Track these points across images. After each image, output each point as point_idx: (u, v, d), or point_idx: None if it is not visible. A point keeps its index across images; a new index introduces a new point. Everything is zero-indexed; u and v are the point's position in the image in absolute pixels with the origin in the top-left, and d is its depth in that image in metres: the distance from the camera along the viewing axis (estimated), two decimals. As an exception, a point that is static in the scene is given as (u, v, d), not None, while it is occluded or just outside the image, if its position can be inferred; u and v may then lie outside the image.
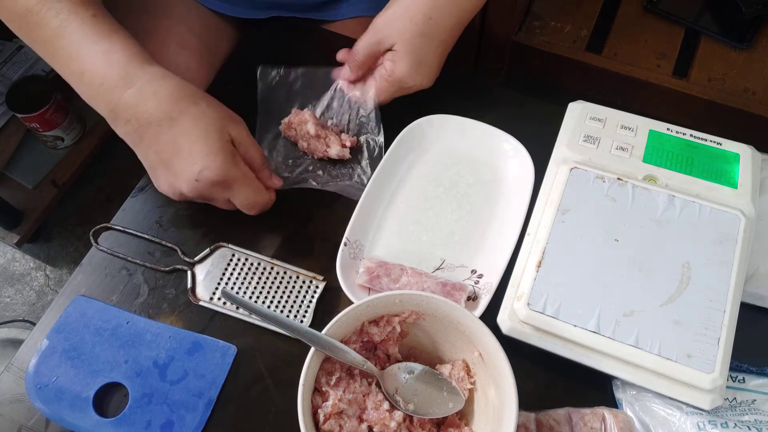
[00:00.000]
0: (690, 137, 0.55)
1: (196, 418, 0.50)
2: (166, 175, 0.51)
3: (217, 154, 0.49)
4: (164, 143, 0.49)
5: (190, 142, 0.49)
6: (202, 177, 0.49)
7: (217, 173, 0.49)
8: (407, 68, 0.57)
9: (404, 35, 0.55)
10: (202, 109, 0.49)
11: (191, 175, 0.49)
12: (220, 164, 0.49)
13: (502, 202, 0.58)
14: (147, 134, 0.49)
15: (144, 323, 0.53)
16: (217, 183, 0.50)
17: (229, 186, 0.51)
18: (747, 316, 0.48)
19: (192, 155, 0.49)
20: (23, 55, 1.34)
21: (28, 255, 1.35)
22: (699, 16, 0.98)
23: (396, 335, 0.48)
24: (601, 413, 0.46)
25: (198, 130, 0.49)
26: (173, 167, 0.50)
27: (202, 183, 0.49)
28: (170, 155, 0.49)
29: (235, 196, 0.52)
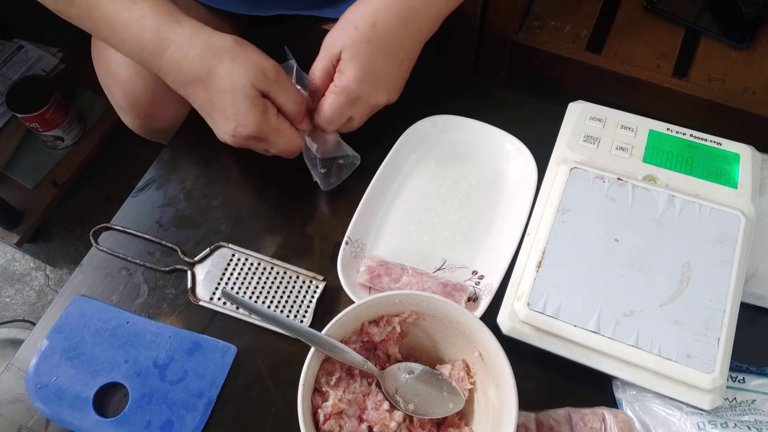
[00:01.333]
0: (690, 137, 0.55)
1: (196, 418, 0.50)
2: (213, 124, 0.55)
3: (247, 112, 0.51)
4: (203, 100, 0.53)
5: (221, 101, 0.51)
6: (237, 133, 0.52)
7: (249, 130, 0.52)
8: (353, 75, 0.52)
9: (348, 42, 0.53)
10: (227, 67, 0.51)
11: (228, 130, 0.53)
12: (251, 122, 0.51)
13: (504, 204, 0.58)
14: (190, 91, 0.53)
15: (144, 323, 0.53)
16: (252, 137, 0.52)
17: (264, 139, 0.53)
18: (747, 316, 0.49)
19: (225, 113, 0.52)
20: (23, 55, 1.34)
21: (28, 255, 1.35)
22: (699, 16, 0.97)
23: (396, 335, 0.48)
24: (601, 413, 0.46)
25: (226, 89, 0.51)
26: (215, 122, 0.54)
27: (238, 138, 0.53)
28: (210, 110, 0.53)
29: (271, 145, 0.54)
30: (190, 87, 0.52)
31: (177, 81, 0.53)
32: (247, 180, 0.61)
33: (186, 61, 0.51)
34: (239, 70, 0.51)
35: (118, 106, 0.77)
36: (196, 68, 0.51)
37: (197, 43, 0.51)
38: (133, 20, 0.50)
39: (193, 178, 0.62)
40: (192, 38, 0.51)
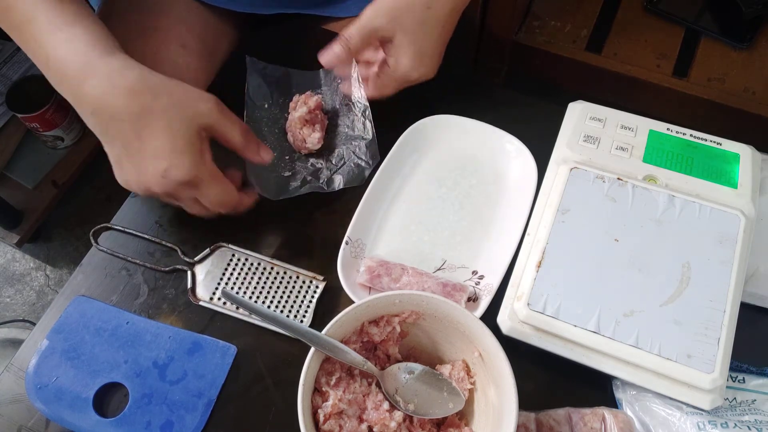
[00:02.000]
0: (690, 137, 0.55)
1: (196, 419, 0.50)
2: (133, 170, 0.49)
3: (183, 152, 0.47)
4: (129, 138, 0.47)
5: (154, 139, 0.47)
6: (169, 175, 0.47)
7: (183, 172, 0.47)
8: (410, 61, 0.54)
9: (403, 26, 0.53)
10: (164, 104, 0.47)
11: (157, 172, 0.47)
12: (187, 163, 0.47)
13: (504, 204, 0.58)
14: (111, 128, 0.48)
15: (144, 323, 0.53)
16: (184, 182, 0.48)
17: (196, 185, 0.49)
18: (747, 316, 0.48)
19: (157, 153, 0.47)
20: (23, 55, 1.33)
21: (28, 255, 1.35)
22: (699, 16, 0.97)
23: (396, 335, 0.48)
24: (601, 413, 0.46)
25: (162, 127, 0.47)
26: (140, 163, 0.48)
27: (168, 181, 0.48)
28: (136, 150, 0.48)
29: (203, 195, 0.50)
30: (111, 123, 0.47)
31: (97, 113, 0.47)
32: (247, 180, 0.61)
33: (113, 93, 0.46)
34: (178, 108, 0.47)
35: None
36: (124, 102, 0.46)
37: (129, 75, 0.47)
38: (63, 40, 0.46)
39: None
40: (124, 70, 0.47)
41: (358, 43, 0.54)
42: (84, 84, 0.47)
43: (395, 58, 0.55)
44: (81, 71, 0.47)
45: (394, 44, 0.54)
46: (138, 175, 0.49)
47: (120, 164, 0.50)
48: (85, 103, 0.47)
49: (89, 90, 0.47)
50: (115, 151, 0.49)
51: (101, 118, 0.48)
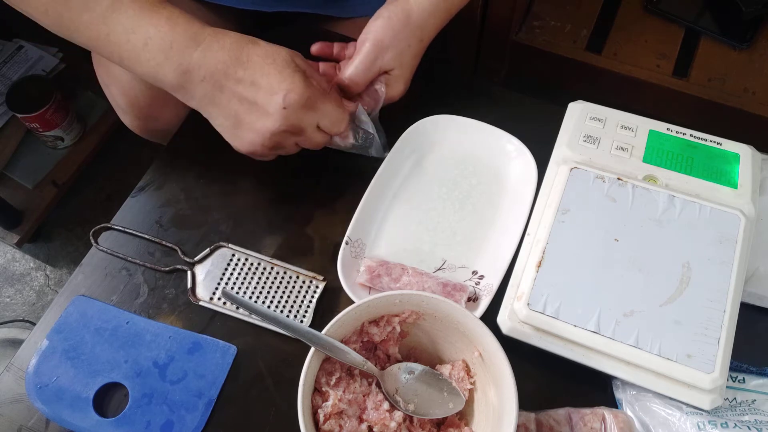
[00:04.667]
0: (690, 137, 0.55)
1: (196, 419, 0.50)
2: (254, 120, 0.51)
3: (293, 77, 0.50)
4: (244, 86, 0.50)
5: (266, 76, 0.50)
6: (288, 101, 0.50)
7: (300, 94, 0.50)
8: (401, 90, 0.59)
9: (402, 60, 0.57)
10: (264, 47, 0.51)
11: (277, 104, 0.50)
12: (300, 85, 0.50)
13: (504, 204, 0.58)
14: (226, 84, 0.50)
15: (144, 323, 0.53)
16: (304, 105, 0.51)
17: (314, 105, 0.51)
18: (747, 316, 0.49)
19: (272, 87, 0.50)
20: (23, 55, 1.34)
21: (28, 255, 1.35)
22: (699, 16, 0.98)
23: (396, 335, 0.48)
24: (601, 413, 0.46)
25: (268, 64, 0.50)
26: (258, 106, 0.51)
27: (290, 109, 0.50)
28: (252, 98, 0.50)
29: (322, 115, 0.53)
30: (226, 78, 0.50)
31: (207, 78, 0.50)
32: (247, 180, 0.61)
33: (222, 50, 0.49)
34: (277, 47, 0.51)
35: (117, 106, 0.77)
36: (233, 55, 0.50)
37: (229, 35, 0.50)
38: (164, 18, 0.49)
39: (193, 178, 0.62)
40: (223, 32, 0.51)
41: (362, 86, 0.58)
42: (194, 51, 0.49)
43: (389, 86, 0.58)
44: (190, 40, 0.49)
45: (390, 75, 0.58)
46: (261, 123, 0.51)
47: (238, 126, 0.52)
48: (196, 69, 0.50)
49: (199, 56, 0.49)
50: (231, 113, 0.52)
51: (214, 79, 0.50)
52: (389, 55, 0.56)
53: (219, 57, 0.49)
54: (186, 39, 0.49)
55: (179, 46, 0.49)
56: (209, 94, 0.51)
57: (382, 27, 0.56)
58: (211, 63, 0.49)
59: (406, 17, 0.55)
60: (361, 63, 0.56)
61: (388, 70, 0.57)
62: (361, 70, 0.56)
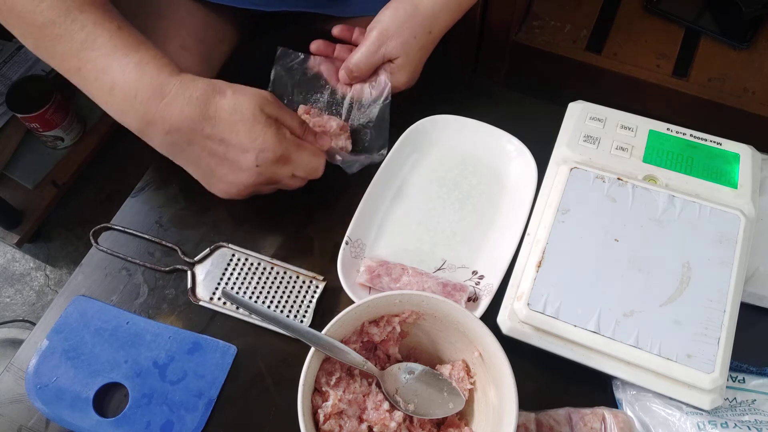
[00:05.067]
0: (690, 137, 0.55)
1: (196, 419, 0.50)
2: (226, 173, 0.51)
3: (265, 134, 0.49)
4: (213, 142, 0.50)
5: (235, 134, 0.49)
6: (261, 160, 0.50)
7: (273, 151, 0.50)
8: (404, 79, 0.59)
9: (408, 50, 0.57)
10: (231, 101, 0.50)
11: (250, 162, 0.50)
12: (272, 142, 0.50)
13: (504, 204, 0.58)
14: (194, 138, 0.49)
15: (144, 323, 0.53)
16: (277, 161, 0.50)
17: (288, 159, 0.51)
18: (747, 316, 0.49)
19: (242, 145, 0.49)
20: (23, 55, 1.34)
21: (28, 255, 1.35)
22: (699, 16, 0.98)
23: (396, 335, 0.48)
24: (601, 413, 0.46)
25: (236, 121, 0.49)
26: (231, 162, 0.50)
27: (263, 166, 0.50)
28: (223, 151, 0.50)
29: (297, 166, 0.52)
30: (193, 133, 0.49)
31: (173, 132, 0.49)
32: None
33: (189, 104, 0.48)
34: (244, 99, 0.50)
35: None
36: (200, 110, 0.48)
37: (198, 87, 0.49)
38: (133, 64, 0.48)
39: (193, 178, 0.62)
40: (192, 83, 0.49)
41: (366, 72, 0.59)
42: (159, 103, 0.48)
43: (392, 74, 0.59)
44: (155, 91, 0.48)
45: (394, 63, 0.58)
46: (234, 174, 0.51)
47: (212, 176, 0.52)
48: (161, 122, 0.48)
49: (164, 108, 0.48)
50: (203, 161, 0.51)
51: (180, 133, 0.49)
52: (393, 43, 0.56)
53: (185, 112, 0.48)
54: (151, 90, 0.48)
55: (143, 97, 0.48)
56: (177, 146, 0.50)
57: (388, 16, 0.57)
58: (177, 118, 0.48)
59: (414, 8, 0.56)
60: (365, 49, 0.57)
61: (393, 59, 0.58)
62: (364, 56, 0.57)
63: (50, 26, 0.47)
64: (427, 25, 0.57)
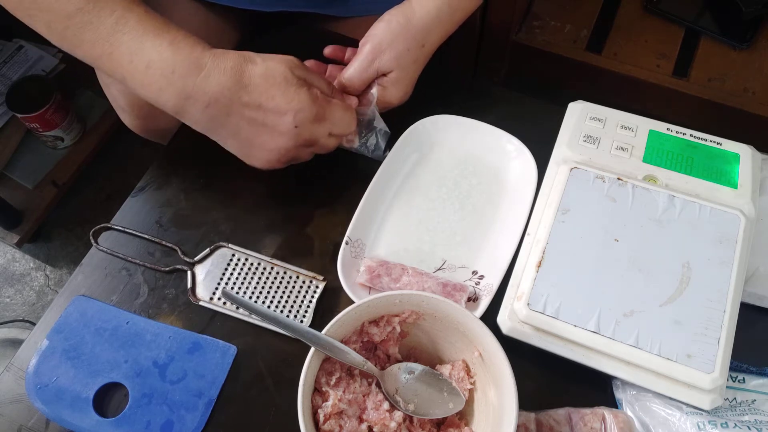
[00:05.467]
0: (690, 137, 0.55)
1: (196, 418, 0.50)
2: (267, 139, 0.52)
3: (299, 95, 0.50)
4: (251, 110, 0.50)
5: (271, 98, 0.50)
6: (299, 120, 0.50)
7: (309, 111, 0.51)
8: (399, 93, 0.59)
9: (401, 64, 0.57)
10: (262, 67, 0.50)
11: (288, 124, 0.50)
12: (307, 102, 0.50)
13: (504, 204, 0.58)
14: (232, 108, 0.50)
15: (144, 323, 0.53)
16: (314, 120, 0.51)
17: (323, 116, 0.52)
18: (747, 316, 0.49)
19: (279, 108, 0.50)
20: (23, 55, 1.34)
21: (28, 255, 1.35)
22: (699, 16, 0.98)
23: (396, 335, 0.48)
24: (601, 413, 0.46)
25: (271, 85, 0.50)
26: (269, 127, 0.51)
27: (301, 127, 0.51)
28: (262, 120, 0.51)
29: (333, 123, 0.53)
30: (232, 103, 0.50)
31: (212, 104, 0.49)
32: (247, 180, 0.61)
33: (224, 75, 0.49)
34: (274, 64, 0.51)
35: (117, 106, 0.77)
36: (236, 76, 0.49)
37: (230, 58, 0.50)
38: (167, 42, 0.49)
39: (193, 178, 0.62)
40: (224, 55, 0.50)
41: (359, 87, 0.59)
42: (197, 77, 0.49)
43: (385, 89, 0.58)
44: (192, 65, 0.49)
45: (387, 78, 0.58)
46: (274, 143, 0.52)
47: (251, 147, 0.53)
48: (201, 96, 0.49)
49: (202, 82, 0.49)
50: (243, 131, 0.52)
51: (220, 105, 0.50)
52: (386, 57, 0.56)
53: (222, 82, 0.49)
54: (188, 64, 0.49)
55: (181, 72, 0.49)
56: (216, 119, 0.51)
57: (381, 30, 0.56)
58: (215, 89, 0.49)
59: (407, 21, 0.56)
60: (358, 64, 0.57)
61: (386, 73, 0.57)
62: (357, 70, 0.57)
63: (78, 14, 0.48)
64: (420, 38, 0.56)
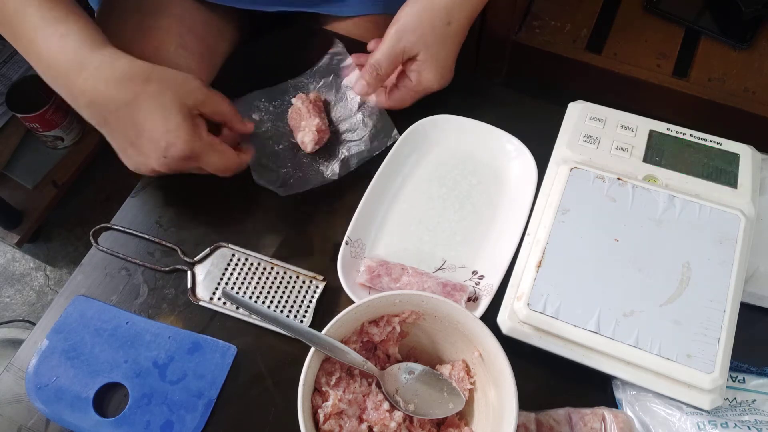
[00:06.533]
0: (690, 137, 0.55)
1: (196, 419, 0.50)
2: (136, 154, 0.52)
3: (178, 130, 0.50)
4: (126, 125, 0.50)
5: (150, 122, 0.49)
6: (169, 154, 0.50)
7: (182, 149, 0.50)
8: (433, 75, 0.58)
9: (427, 43, 0.56)
10: (154, 89, 0.49)
11: (158, 153, 0.50)
12: (183, 140, 0.50)
13: (504, 204, 0.58)
14: (109, 118, 0.50)
15: (144, 323, 0.53)
16: (184, 158, 0.51)
17: (197, 157, 0.52)
18: (747, 316, 0.49)
19: (154, 135, 0.50)
20: (23, 55, 1.34)
21: (28, 255, 1.35)
22: (699, 16, 0.98)
23: (396, 335, 0.48)
24: (601, 413, 0.46)
25: (154, 110, 0.49)
26: (140, 147, 0.51)
27: (170, 159, 0.50)
28: (136, 135, 0.50)
29: (204, 164, 0.53)
30: (109, 113, 0.49)
31: (92, 105, 0.49)
32: (248, 180, 0.61)
33: (105, 84, 0.48)
34: (167, 90, 0.50)
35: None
36: (117, 92, 0.48)
37: (119, 65, 0.49)
38: (57, 36, 0.48)
39: (193, 178, 0.62)
40: (113, 62, 0.49)
41: (387, 68, 0.58)
42: (78, 78, 0.48)
43: (418, 72, 0.58)
44: (74, 65, 0.48)
45: (417, 60, 0.57)
46: (143, 158, 0.51)
47: (125, 151, 0.53)
48: (80, 96, 0.49)
49: (82, 83, 0.49)
50: (117, 139, 0.52)
51: (97, 109, 0.50)
52: (411, 37, 0.56)
53: (101, 91, 0.48)
54: (72, 65, 0.48)
55: (63, 70, 0.48)
56: (94, 119, 0.51)
57: (405, 12, 0.56)
58: (93, 95, 0.49)
59: (430, 1, 0.56)
60: (385, 46, 0.57)
61: (414, 56, 0.57)
62: (384, 53, 0.57)
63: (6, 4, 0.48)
64: (444, 17, 0.56)
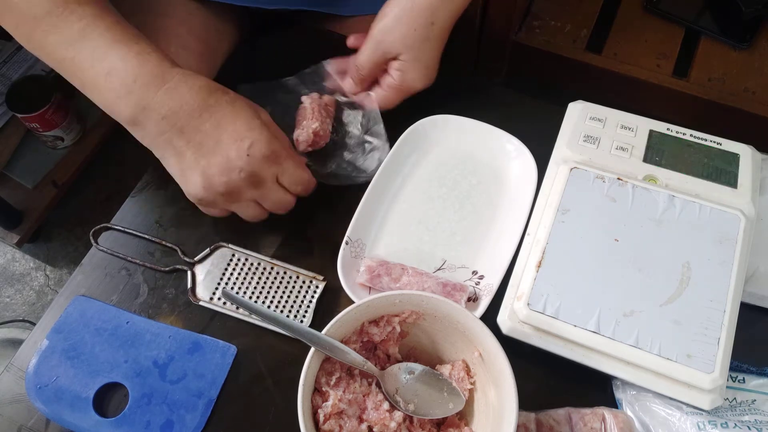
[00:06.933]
0: (690, 137, 0.55)
1: (196, 418, 0.50)
2: (211, 162, 0.50)
3: (261, 129, 0.50)
4: (207, 129, 0.50)
5: (232, 124, 0.50)
6: (253, 150, 0.50)
7: (266, 145, 0.50)
8: (416, 75, 0.58)
9: (408, 43, 0.56)
10: (234, 97, 0.51)
11: (242, 150, 0.49)
12: (267, 138, 0.50)
13: (504, 204, 0.58)
14: (188, 125, 0.49)
15: (144, 323, 0.53)
16: (267, 157, 0.50)
17: (278, 160, 0.51)
18: (747, 316, 0.48)
19: (237, 132, 0.50)
20: (23, 55, 1.33)
21: (28, 255, 1.35)
22: (699, 16, 0.98)
23: (396, 335, 0.48)
24: (601, 413, 0.46)
25: (237, 112, 0.50)
26: (221, 148, 0.50)
27: (253, 157, 0.50)
28: (215, 141, 0.50)
29: (285, 170, 0.52)
30: (190, 119, 0.49)
31: (169, 116, 0.49)
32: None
33: (190, 92, 0.49)
34: (245, 100, 0.52)
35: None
36: (201, 97, 0.50)
37: (199, 80, 0.50)
38: (134, 53, 0.49)
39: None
40: (194, 76, 0.51)
41: (369, 70, 0.59)
42: (159, 88, 0.49)
43: (401, 72, 0.58)
44: (156, 77, 0.49)
45: (399, 60, 0.58)
46: (218, 166, 0.50)
47: (191, 169, 0.50)
48: (159, 106, 0.49)
49: (163, 93, 0.49)
50: (187, 155, 0.50)
51: (175, 119, 0.49)
52: (392, 38, 0.56)
53: (185, 98, 0.49)
54: (152, 76, 0.49)
55: (143, 82, 0.48)
56: (166, 134, 0.50)
57: (386, 13, 0.57)
58: (175, 103, 0.49)
59: (411, 1, 0.56)
60: (366, 47, 0.57)
61: (396, 56, 0.57)
62: (366, 55, 0.57)
63: (46, 17, 0.48)
64: (427, 16, 0.56)
